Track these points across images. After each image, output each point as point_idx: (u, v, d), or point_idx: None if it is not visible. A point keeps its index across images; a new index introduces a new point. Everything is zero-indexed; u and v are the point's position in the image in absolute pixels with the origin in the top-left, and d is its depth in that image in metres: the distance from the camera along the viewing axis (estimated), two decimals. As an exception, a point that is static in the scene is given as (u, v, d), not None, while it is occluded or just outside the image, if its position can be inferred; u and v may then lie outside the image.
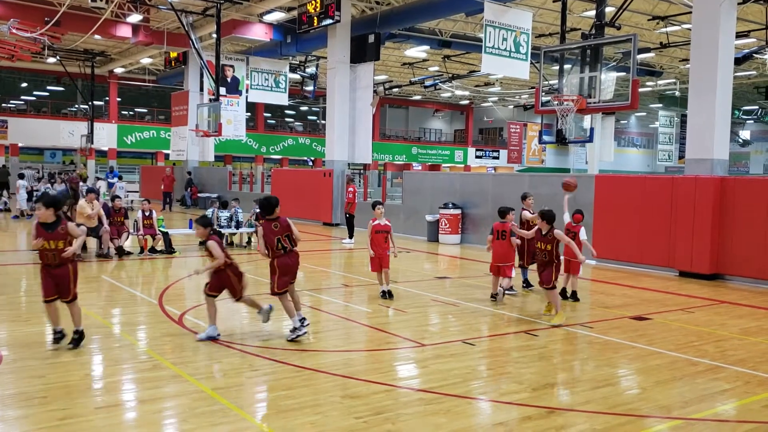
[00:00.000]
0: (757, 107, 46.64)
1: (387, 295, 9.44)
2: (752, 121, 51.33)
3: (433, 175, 26.47)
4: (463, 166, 52.70)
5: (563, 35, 16.29)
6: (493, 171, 47.64)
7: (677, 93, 38.48)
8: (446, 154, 53.08)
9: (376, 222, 9.49)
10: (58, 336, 6.57)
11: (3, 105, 39.92)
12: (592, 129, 18.26)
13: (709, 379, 6.05)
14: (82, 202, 13.31)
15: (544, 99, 15.56)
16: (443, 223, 17.38)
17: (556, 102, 14.33)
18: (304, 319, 7.05)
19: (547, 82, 16.23)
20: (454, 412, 5.02)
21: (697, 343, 7.39)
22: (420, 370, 6.25)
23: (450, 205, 17.36)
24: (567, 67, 15.41)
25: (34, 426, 4.60)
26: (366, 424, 4.72)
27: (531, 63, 17.92)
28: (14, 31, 22.48)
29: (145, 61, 34.44)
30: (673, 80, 37.47)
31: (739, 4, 13.76)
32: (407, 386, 5.74)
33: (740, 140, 54.99)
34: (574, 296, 9.60)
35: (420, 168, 50.37)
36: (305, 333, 6.97)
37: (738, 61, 21.34)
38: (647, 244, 12.99)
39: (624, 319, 8.56)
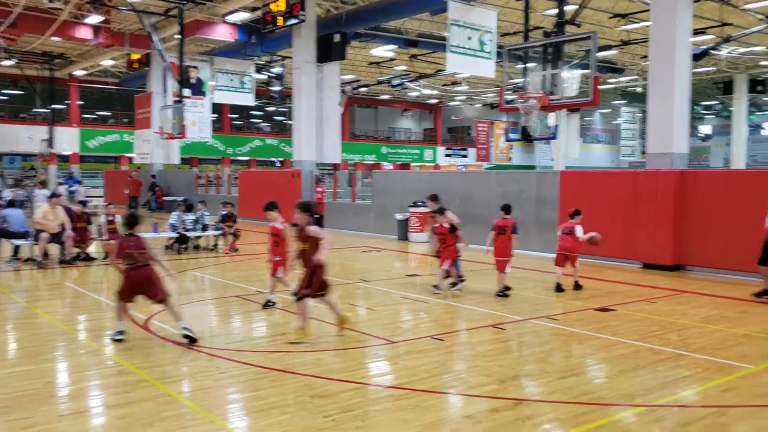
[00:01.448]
0: (716, 102, 47.79)
1: (268, 303, 8.75)
2: (712, 116, 52.58)
3: (402, 174, 26.56)
4: (432, 164, 52.94)
5: (527, 34, 16.49)
6: (463, 169, 47.97)
7: (639, 89, 39.27)
8: (416, 153, 53.26)
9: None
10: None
11: (-42, 110, 38.86)
12: (556, 126, 18.44)
13: (671, 367, 6.20)
14: (45, 206, 13.05)
15: (509, 97, 15.72)
16: (413, 222, 17.45)
17: (520, 100, 14.49)
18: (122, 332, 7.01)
19: (511, 81, 16.42)
20: (423, 407, 5.06)
21: (660, 332, 7.56)
22: (390, 367, 6.28)
23: (420, 204, 17.43)
24: (531, 65, 15.61)
25: (-5, 435, 4.51)
26: (334, 422, 4.73)
27: (496, 62, 18.09)
28: (-31, 33, 21.93)
29: (107, 63, 33.86)
30: (636, 77, 38.20)
31: (695, 1, 14.09)
32: (377, 383, 5.76)
33: (701, 135, 56.29)
34: (560, 287, 10.02)
35: (390, 167, 50.44)
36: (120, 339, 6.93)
37: (696, 57, 21.85)
38: (612, 237, 13.18)
39: (589, 311, 8.72)
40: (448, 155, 53.83)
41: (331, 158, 22.82)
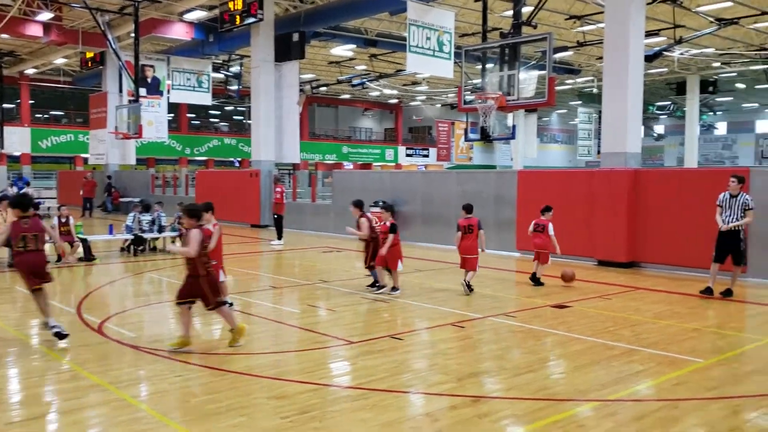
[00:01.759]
0: (669, 102, 49.09)
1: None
2: (666, 116, 54.02)
3: (362, 174, 26.57)
4: (394, 164, 53.06)
5: (485, 34, 16.64)
6: (423, 169, 48.19)
7: (595, 90, 40.04)
8: (377, 153, 53.31)
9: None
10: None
11: None
12: (514, 126, 18.71)
13: (625, 362, 6.34)
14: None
15: (468, 98, 15.86)
16: (374, 222, 17.41)
17: (478, 100, 14.63)
18: (47, 323, 6.90)
19: (470, 81, 16.55)
20: (381, 407, 5.07)
21: (614, 328, 7.74)
22: (348, 368, 6.28)
23: (380, 203, 17.42)
24: (489, 66, 15.76)
25: (-61, 446, 4.35)
26: (292, 423, 4.70)
27: (455, 62, 18.23)
28: None
29: (60, 61, 32.95)
30: (591, 78, 38.96)
31: (648, 3, 14.47)
32: (335, 384, 5.75)
33: (655, 134, 57.83)
34: (537, 281, 10.39)
35: (351, 167, 50.37)
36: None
37: (649, 59, 22.44)
38: (569, 235, 13.41)
39: (545, 308, 8.86)
40: (409, 155, 54.06)
41: (290, 158, 22.68)
